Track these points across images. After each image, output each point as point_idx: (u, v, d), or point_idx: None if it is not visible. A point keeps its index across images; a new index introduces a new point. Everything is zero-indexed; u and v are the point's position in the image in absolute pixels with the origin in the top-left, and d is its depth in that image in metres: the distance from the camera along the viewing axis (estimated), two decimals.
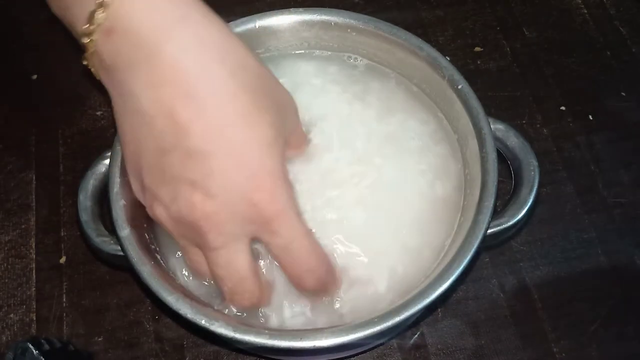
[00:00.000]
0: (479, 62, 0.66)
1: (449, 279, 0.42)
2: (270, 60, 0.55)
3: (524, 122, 0.63)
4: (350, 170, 0.50)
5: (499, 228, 0.46)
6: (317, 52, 0.56)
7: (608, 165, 0.60)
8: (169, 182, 0.39)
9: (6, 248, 0.58)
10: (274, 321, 0.45)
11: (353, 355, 0.52)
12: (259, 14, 0.53)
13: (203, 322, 0.41)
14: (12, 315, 0.55)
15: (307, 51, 0.56)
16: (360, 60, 0.56)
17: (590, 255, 0.56)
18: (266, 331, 0.41)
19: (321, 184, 0.50)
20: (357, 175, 0.50)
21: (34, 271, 0.57)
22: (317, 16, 0.53)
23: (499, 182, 0.45)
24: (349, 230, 0.48)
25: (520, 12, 0.70)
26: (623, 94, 0.64)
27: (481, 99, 0.48)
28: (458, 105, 0.49)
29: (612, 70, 0.66)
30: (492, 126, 0.48)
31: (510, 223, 0.46)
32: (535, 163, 0.48)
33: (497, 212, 0.46)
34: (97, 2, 0.38)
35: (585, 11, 0.69)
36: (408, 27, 0.52)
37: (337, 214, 0.47)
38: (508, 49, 0.67)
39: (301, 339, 0.41)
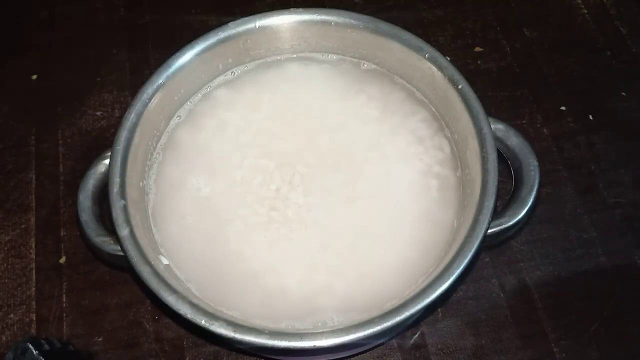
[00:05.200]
0: (479, 62, 0.66)
1: (449, 278, 0.42)
2: (272, 64, 0.56)
3: (524, 122, 0.63)
4: (351, 171, 0.50)
5: (499, 228, 0.46)
6: (318, 54, 0.56)
7: (608, 165, 0.60)
8: None
9: (6, 248, 0.58)
10: None
11: (353, 355, 0.52)
12: (259, 14, 0.53)
13: (203, 322, 0.41)
14: (12, 316, 0.55)
15: (308, 54, 0.56)
16: (361, 62, 0.56)
17: (590, 255, 0.56)
18: (266, 331, 0.41)
19: (323, 184, 0.50)
20: (357, 175, 0.50)
21: (33, 271, 0.57)
22: (317, 16, 0.53)
23: (499, 182, 0.45)
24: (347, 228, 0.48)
25: (520, 12, 0.70)
26: (623, 94, 0.64)
27: (481, 99, 0.48)
28: (458, 105, 0.49)
29: (612, 70, 0.66)
30: (492, 126, 0.48)
31: (511, 223, 0.46)
32: (536, 163, 0.48)
33: (498, 212, 0.46)
34: None
35: (585, 11, 0.69)
36: (408, 27, 0.52)
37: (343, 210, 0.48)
38: (508, 49, 0.67)
39: (301, 339, 0.41)
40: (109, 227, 0.46)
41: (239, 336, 0.41)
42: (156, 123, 0.52)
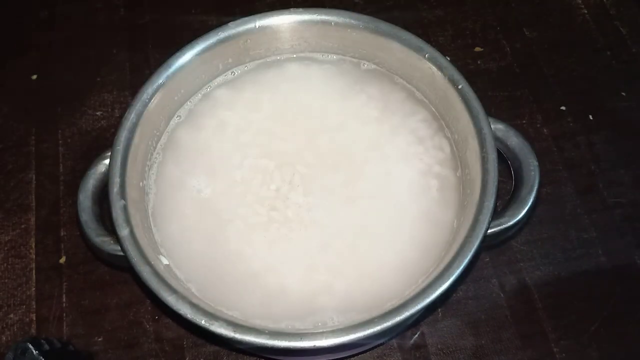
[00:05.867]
0: (479, 62, 0.66)
1: (449, 278, 0.42)
2: (272, 64, 0.56)
3: (524, 122, 0.63)
4: (351, 171, 0.50)
5: (499, 228, 0.46)
6: (318, 54, 0.56)
7: (608, 165, 0.60)
8: None
9: (6, 248, 0.58)
10: None
11: (353, 355, 0.52)
12: (259, 14, 0.53)
13: (203, 322, 0.41)
14: (12, 316, 0.55)
15: (308, 54, 0.56)
16: (361, 62, 0.56)
17: (590, 255, 0.56)
18: (266, 331, 0.41)
19: (323, 184, 0.50)
20: (357, 175, 0.50)
21: (33, 271, 0.57)
22: (317, 16, 0.53)
23: (499, 182, 0.45)
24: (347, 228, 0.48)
25: (520, 12, 0.70)
26: (623, 94, 0.64)
27: (481, 99, 0.48)
28: (458, 106, 0.49)
29: (612, 70, 0.66)
30: (492, 126, 0.48)
31: (511, 223, 0.46)
32: (536, 163, 0.48)
33: (498, 212, 0.46)
34: None
35: (585, 11, 0.69)
36: (408, 27, 0.52)
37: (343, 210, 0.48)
38: (508, 49, 0.67)
39: (301, 339, 0.41)
40: (109, 227, 0.46)
41: (239, 336, 0.41)
42: (156, 123, 0.52)
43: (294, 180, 0.50)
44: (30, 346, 0.44)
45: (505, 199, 0.48)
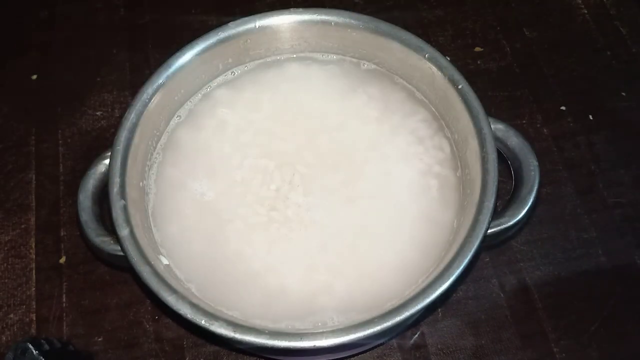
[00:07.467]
0: (479, 62, 0.66)
1: (449, 278, 0.42)
2: (272, 64, 0.56)
3: (524, 122, 0.63)
4: (351, 171, 0.50)
5: (499, 228, 0.46)
6: (318, 54, 0.56)
7: (608, 165, 0.60)
8: None
9: (6, 248, 0.58)
10: None
11: (353, 355, 0.52)
12: (259, 14, 0.53)
13: (203, 322, 0.41)
14: (12, 316, 0.55)
15: (308, 54, 0.56)
16: (361, 62, 0.56)
17: (590, 255, 0.56)
18: (266, 331, 0.41)
19: (322, 184, 0.50)
20: (357, 175, 0.50)
21: (33, 271, 0.57)
22: (317, 16, 0.53)
23: (499, 182, 0.45)
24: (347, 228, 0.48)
25: (520, 12, 0.70)
26: (623, 94, 0.64)
27: (481, 99, 0.48)
28: (458, 106, 0.49)
29: (612, 70, 0.66)
30: (492, 126, 0.48)
31: (511, 223, 0.46)
32: (536, 163, 0.48)
33: (498, 212, 0.46)
34: None
35: (585, 11, 0.69)
36: (408, 27, 0.52)
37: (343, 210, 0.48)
38: (508, 49, 0.67)
39: (301, 339, 0.41)
40: (109, 227, 0.46)
41: (239, 336, 0.41)
42: (156, 123, 0.52)
43: (294, 180, 0.50)
44: (30, 346, 0.44)
45: (505, 199, 0.48)
